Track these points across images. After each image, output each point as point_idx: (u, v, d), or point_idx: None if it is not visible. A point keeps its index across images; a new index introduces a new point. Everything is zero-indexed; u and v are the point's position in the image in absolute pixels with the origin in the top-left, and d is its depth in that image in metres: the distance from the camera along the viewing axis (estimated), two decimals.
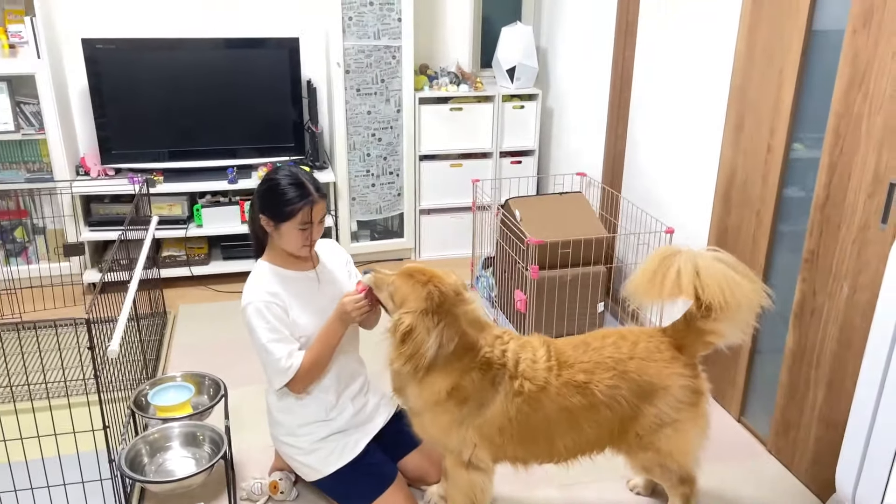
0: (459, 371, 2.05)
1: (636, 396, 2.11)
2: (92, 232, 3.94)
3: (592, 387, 2.10)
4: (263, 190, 2.18)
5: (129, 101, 3.93)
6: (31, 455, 2.26)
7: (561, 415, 2.10)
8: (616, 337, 2.19)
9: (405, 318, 2.01)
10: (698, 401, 2.15)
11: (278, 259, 2.26)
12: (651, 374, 2.11)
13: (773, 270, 2.72)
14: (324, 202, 2.18)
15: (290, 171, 2.19)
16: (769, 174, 2.65)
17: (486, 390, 2.08)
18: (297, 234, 2.15)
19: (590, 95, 4.01)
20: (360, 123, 4.17)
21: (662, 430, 2.13)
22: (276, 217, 2.14)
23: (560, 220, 3.49)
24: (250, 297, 2.17)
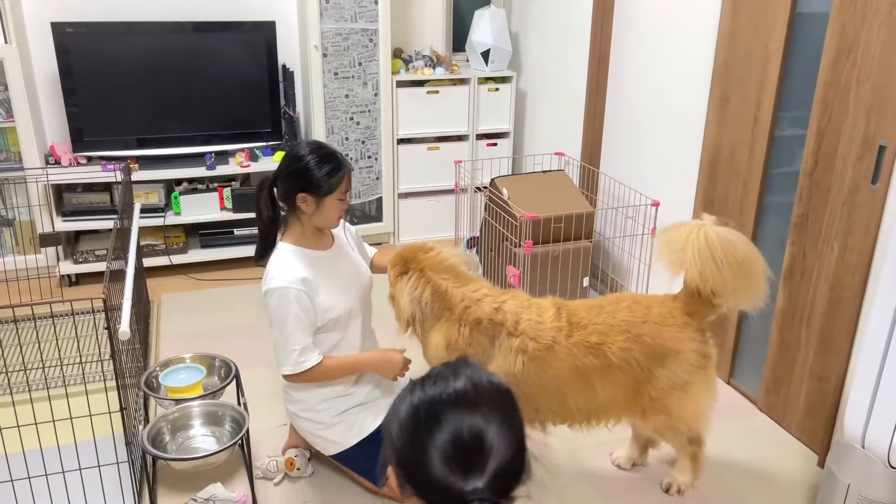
0: (448, 325, 2.19)
1: (649, 359, 2.19)
2: (66, 222, 3.83)
3: (605, 348, 2.18)
4: (298, 170, 2.14)
5: (102, 87, 3.83)
6: (45, 443, 2.21)
7: (573, 374, 2.19)
8: (630, 301, 2.27)
9: (390, 288, 2.25)
10: (707, 364, 2.24)
11: (301, 240, 2.25)
12: (665, 338, 2.19)
13: (761, 238, 2.85)
14: (350, 167, 2.24)
15: (312, 146, 2.18)
16: (756, 145, 2.77)
17: (484, 346, 2.20)
18: (337, 205, 2.18)
19: (566, 75, 4.09)
20: (339, 107, 4.16)
21: (674, 392, 2.21)
22: (319, 192, 2.14)
23: (546, 197, 3.56)
24: (282, 282, 2.14)
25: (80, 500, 2.25)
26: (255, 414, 2.78)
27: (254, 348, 3.29)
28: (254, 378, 3.03)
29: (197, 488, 2.35)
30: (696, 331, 2.22)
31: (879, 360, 1.88)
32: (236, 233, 4.16)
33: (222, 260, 4.12)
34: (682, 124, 3.23)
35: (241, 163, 4.05)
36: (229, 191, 4.03)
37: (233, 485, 2.41)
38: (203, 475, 2.44)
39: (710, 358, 2.25)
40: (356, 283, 2.35)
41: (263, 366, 3.15)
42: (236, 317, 3.59)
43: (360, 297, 2.36)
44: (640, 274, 3.54)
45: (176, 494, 2.37)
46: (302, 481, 2.45)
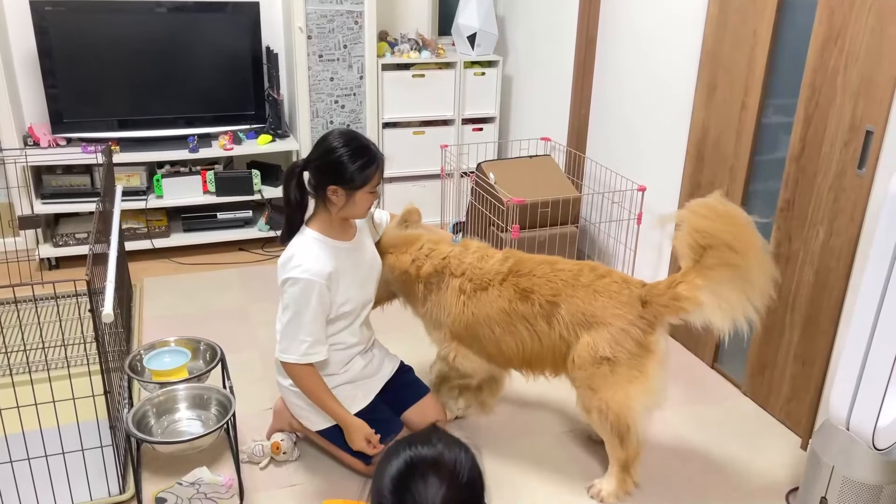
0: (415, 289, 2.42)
1: (575, 321, 2.21)
2: (45, 205, 3.77)
3: (533, 296, 2.25)
4: (330, 162, 2.12)
5: (82, 67, 3.75)
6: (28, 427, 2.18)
7: (501, 316, 2.29)
8: (589, 268, 2.28)
9: None
10: (643, 356, 2.17)
11: (327, 228, 2.23)
12: (596, 306, 2.19)
13: None
14: (383, 157, 2.20)
15: (345, 137, 2.14)
16: (743, 131, 2.78)
17: (440, 294, 2.38)
18: (368, 198, 2.17)
19: (553, 60, 4.08)
20: (323, 90, 4.12)
21: (600, 368, 2.18)
22: (352, 186, 2.12)
23: (532, 182, 3.56)
24: (309, 274, 2.13)
25: (63, 484, 2.22)
26: (241, 398, 2.76)
27: (238, 333, 3.26)
28: (239, 362, 3.01)
29: (182, 472, 2.33)
30: (637, 316, 2.17)
31: (865, 342, 1.89)
32: (219, 216, 4.11)
33: (205, 244, 4.08)
34: (669, 110, 3.23)
35: (224, 146, 4.00)
36: (212, 174, 3.98)
37: (219, 468, 2.40)
38: (188, 459, 2.42)
39: (649, 351, 2.18)
40: (372, 274, 2.38)
41: (249, 350, 3.13)
42: (220, 301, 3.56)
43: (375, 288, 2.41)
44: (625, 259, 3.55)
45: (161, 478, 2.35)
46: (289, 465, 2.44)
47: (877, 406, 1.90)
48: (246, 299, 3.58)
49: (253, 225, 4.17)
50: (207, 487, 2.27)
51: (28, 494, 2.20)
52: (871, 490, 1.98)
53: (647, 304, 2.18)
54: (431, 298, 2.41)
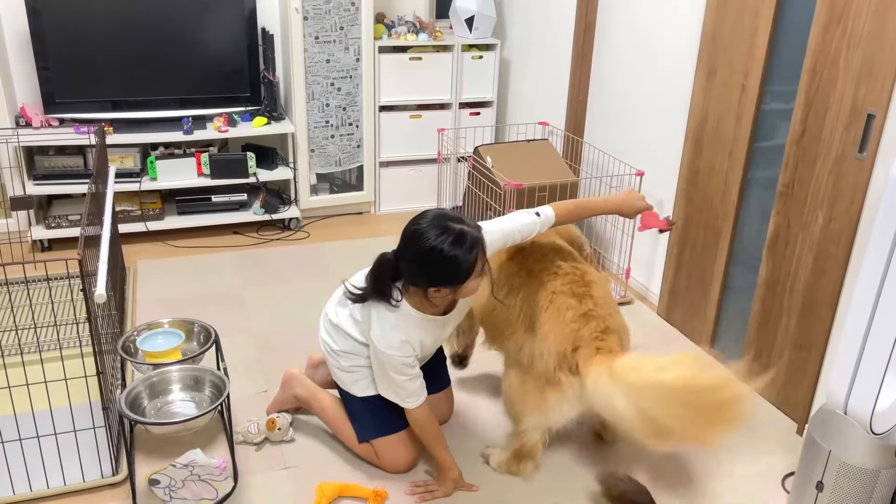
0: None
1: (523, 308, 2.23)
2: (37, 186, 3.73)
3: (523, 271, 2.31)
4: (428, 268, 1.97)
5: (75, 47, 3.70)
6: (19, 409, 2.16)
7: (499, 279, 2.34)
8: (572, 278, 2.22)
9: None
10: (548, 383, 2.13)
11: (421, 304, 2.09)
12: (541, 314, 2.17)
13: (746, 209, 2.85)
14: (480, 231, 2.01)
15: (438, 229, 1.95)
16: (743, 115, 2.75)
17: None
18: (479, 281, 2.03)
19: (551, 43, 4.04)
20: (319, 72, 4.07)
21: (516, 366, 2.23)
22: (455, 282, 1.97)
23: (529, 166, 3.53)
24: (401, 352, 2.08)
25: (55, 466, 2.20)
26: (235, 380, 2.75)
27: (232, 316, 3.24)
28: (233, 345, 2.99)
29: (176, 454, 2.32)
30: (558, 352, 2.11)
31: (864, 326, 1.88)
32: (214, 199, 4.08)
33: (200, 227, 4.05)
34: (668, 94, 3.20)
35: (219, 128, 3.96)
36: (207, 156, 3.95)
37: (213, 451, 2.38)
38: (182, 441, 2.40)
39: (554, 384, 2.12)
40: (452, 325, 2.26)
41: (242, 333, 3.11)
42: (214, 284, 3.53)
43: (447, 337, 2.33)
44: (622, 245, 3.53)
45: (155, 460, 2.33)
46: (284, 447, 2.42)
47: (875, 390, 1.89)
48: (240, 283, 3.55)
49: (248, 208, 4.14)
50: (201, 469, 2.25)
51: (20, 476, 2.18)
52: (868, 474, 1.97)
53: (579, 349, 2.10)
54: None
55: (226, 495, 2.20)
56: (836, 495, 2.03)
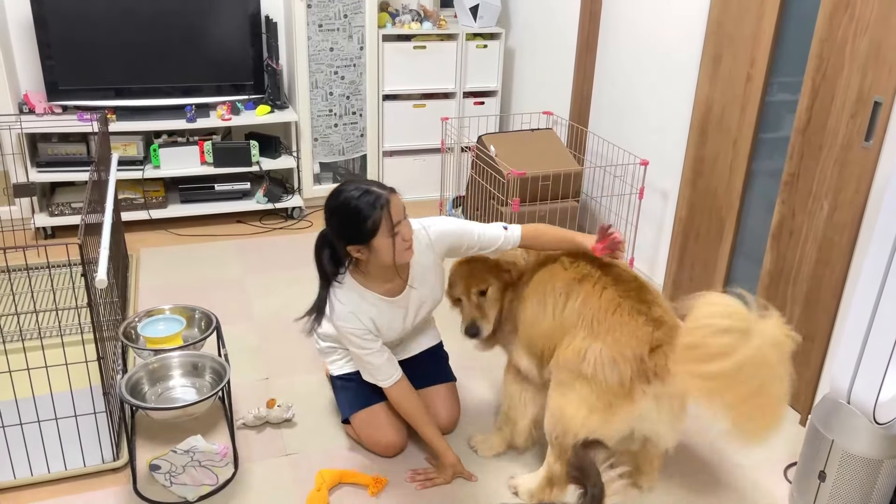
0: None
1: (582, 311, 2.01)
2: (40, 173, 3.73)
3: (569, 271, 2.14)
4: (337, 220, 2.04)
5: (77, 34, 3.69)
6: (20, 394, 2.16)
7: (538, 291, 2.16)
8: (638, 284, 2.05)
9: None
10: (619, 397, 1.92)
11: (368, 281, 2.14)
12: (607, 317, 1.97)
13: (750, 199, 2.83)
14: (397, 195, 2.03)
15: (346, 192, 2.03)
16: (748, 104, 2.73)
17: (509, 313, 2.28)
18: (390, 242, 2.01)
19: (556, 32, 4.02)
20: (323, 61, 4.06)
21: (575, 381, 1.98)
22: (360, 239, 2.00)
23: (533, 155, 3.51)
24: (351, 327, 2.12)
25: (56, 450, 2.21)
26: (237, 368, 2.75)
27: (234, 304, 3.24)
28: (235, 333, 2.99)
29: (177, 440, 2.32)
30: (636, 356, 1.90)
31: (868, 315, 1.87)
32: (217, 188, 4.07)
33: (203, 215, 4.05)
34: (673, 83, 3.18)
35: (222, 116, 3.95)
36: (210, 144, 3.94)
37: (214, 437, 2.38)
38: (184, 427, 2.40)
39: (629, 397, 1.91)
40: (418, 311, 2.28)
41: (244, 321, 3.10)
42: (217, 272, 3.53)
43: (414, 321, 2.30)
44: (626, 235, 3.52)
45: (156, 446, 2.33)
46: (285, 434, 2.42)
47: (878, 379, 1.88)
48: (242, 271, 3.55)
49: (251, 197, 4.14)
50: (202, 455, 2.25)
51: (21, 460, 2.19)
52: (871, 464, 1.96)
53: (656, 351, 1.91)
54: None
55: (226, 481, 2.20)
56: (839, 485, 2.02)
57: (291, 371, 2.76)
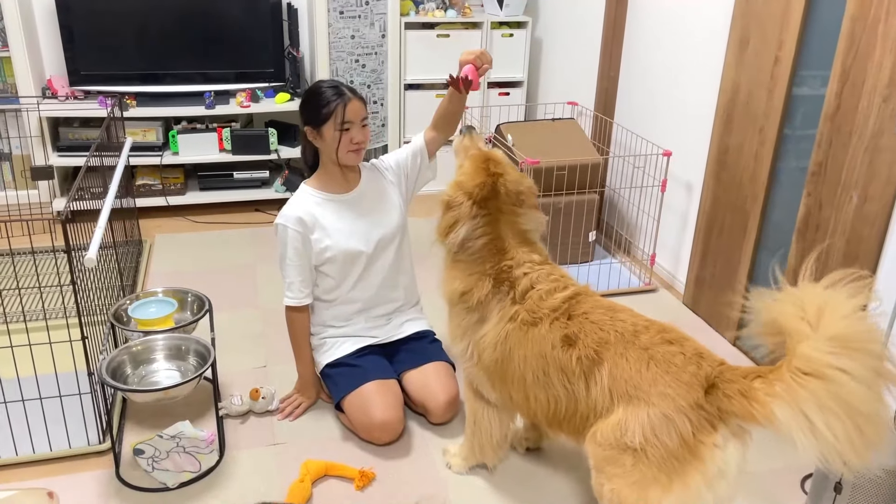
0: (477, 275, 1.93)
1: (616, 388, 1.70)
2: (61, 157, 3.75)
3: (578, 345, 1.77)
4: (303, 101, 2.23)
5: (100, 20, 3.70)
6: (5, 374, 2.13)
7: (537, 361, 1.82)
8: (658, 329, 1.75)
9: (450, 191, 1.99)
10: (683, 459, 1.60)
11: (321, 182, 2.31)
12: (644, 376, 1.66)
13: (776, 189, 2.66)
14: (360, 103, 2.19)
15: (328, 81, 2.23)
16: (775, 87, 2.56)
17: (489, 305, 1.93)
18: (337, 136, 2.17)
19: (583, 21, 3.88)
20: (344, 48, 4.00)
21: (621, 454, 1.66)
22: (315, 121, 2.17)
23: (553, 146, 3.38)
24: (282, 219, 2.25)
25: (42, 432, 2.18)
26: (234, 354, 2.70)
27: (242, 290, 3.19)
28: (238, 318, 2.94)
29: (165, 426, 2.27)
30: (693, 403, 1.60)
31: (891, 313, 1.70)
32: (236, 176, 4.04)
33: (221, 203, 4.02)
34: (699, 70, 3.02)
35: (241, 103, 3.92)
36: (229, 131, 3.91)
37: (202, 424, 2.32)
38: (171, 413, 2.35)
39: (695, 455, 1.58)
40: (371, 228, 2.33)
41: (249, 307, 3.06)
42: (229, 259, 3.49)
43: (374, 243, 2.32)
44: (648, 230, 3.36)
45: (144, 430, 2.29)
46: (273, 424, 2.35)
47: None
48: (255, 258, 3.51)
49: (269, 186, 4.10)
50: (187, 441, 2.20)
51: (6, 440, 2.16)
52: (890, 475, 1.79)
53: (714, 388, 1.60)
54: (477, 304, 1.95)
55: (209, 469, 2.13)
56: (856, 498, 1.86)
57: (292, 360, 2.69)
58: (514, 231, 1.96)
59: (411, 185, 2.46)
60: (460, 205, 1.94)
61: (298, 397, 2.42)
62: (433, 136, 2.42)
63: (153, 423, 2.31)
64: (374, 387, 2.25)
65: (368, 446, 2.27)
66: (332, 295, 2.36)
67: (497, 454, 2.12)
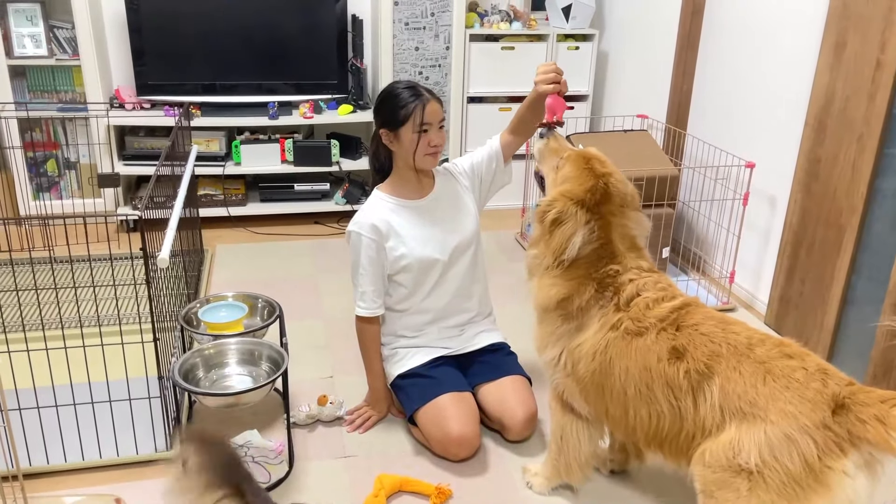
0: (578, 280, 1.79)
1: (728, 403, 1.56)
2: (126, 166, 3.75)
3: (686, 357, 1.63)
4: (379, 102, 2.18)
5: (168, 31, 3.72)
6: (77, 378, 2.08)
7: (641, 374, 1.69)
8: (775, 342, 1.60)
9: (557, 203, 1.79)
10: (807, 486, 1.44)
11: (395, 187, 2.25)
12: (761, 391, 1.51)
13: (877, 202, 2.49)
14: (438, 104, 2.15)
15: (403, 82, 2.19)
16: (877, 93, 2.42)
17: (590, 312, 1.79)
18: (416, 139, 2.11)
19: (653, 32, 3.77)
20: (407, 60, 3.95)
21: (734, 478, 1.51)
22: (392, 123, 2.12)
23: (624, 157, 3.26)
24: (355, 226, 2.20)
25: (109, 436, 2.11)
26: (300, 364, 2.62)
27: (304, 300, 3.13)
28: (302, 329, 2.87)
29: (232, 435, 2.19)
30: (819, 423, 1.45)
31: None
32: (297, 188, 4.00)
33: (281, 214, 3.98)
34: (786, 74, 2.88)
35: (304, 114, 3.89)
36: (291, 143, 3.88)
37: (271, 434, 2.24)
38: (241, 421, 2.27)
39: (819, 481, 1.44)
40: (447, 235, 2.26)
41: (313, 318, 2.98)
42: (290, 270, 3.43)
43: (450, 250, 2.24)
44: (727, 247, 3.21)
45: None
46: (344, 435, 2.25)
47: None
48: (316, 270, 3.44)
49: (330, 198, 4.05)
50: (256, 451, 2.11)
51: (73, 444, 2.10)
52: None
53: (843, 409, 1.45)
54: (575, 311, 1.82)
55: (279, 479, 2.04)
56: None
57: (360, 370, 2.59)
58: (623, 235, 1.84)
59: (486, 189, 2.37)
60: (573, 216, 1.77)
61: (368, 410, 2.33)
62: (510, 139, 2.32)
63: (221, 431, 2.23)
64: (450, 399, 2.15)
65: (443, 462, 2.15)
66: (405, 305, 2.27)
67: (584, 473, 1.98)
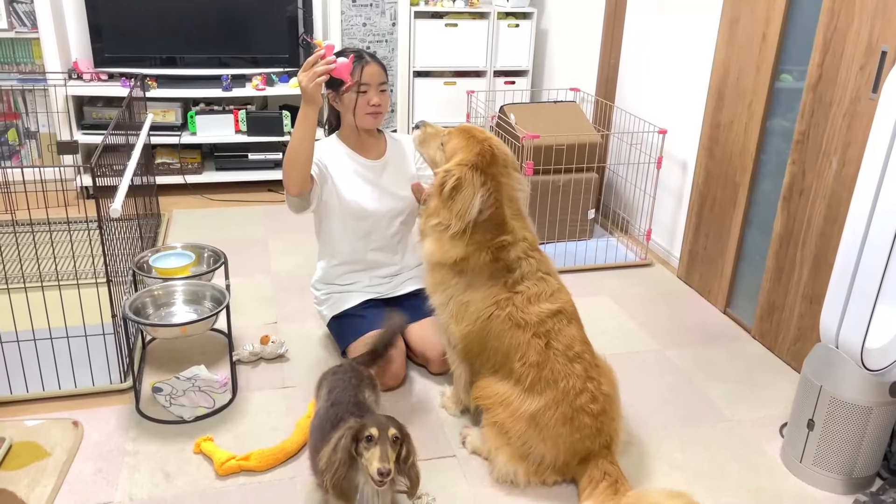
0: (475, 247, 1.97)
1: None
2: (85, 135, 3.93)
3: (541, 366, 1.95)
4: None
5: (124, 4, 3.89)
6: (38, 325, 2.29)
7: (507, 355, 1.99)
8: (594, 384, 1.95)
9: (455, 170, 1.93)
10: None
11: (349, 140, 2.42)
12: None
13: (764, 161, 2.79)
14: (379, 67, 2.29)
15: (350, 48, 2.33)
16: (762, 64, 2.70)
17: (482, 275, 2.00)
18: (353, 97, 2.27)
19: (585, 10, 4.03)
20: (356, 36, 4.17)
21: None
22: (335, 84, 2.26)
23: (554, 125, 3.53)
24: None
25: (68, 372, 2.33)
26: (246, 313, 2.85)
27: (254, 259, 3.35)
28: (251, 283, 3.10)
29: (181, 369, 2.42)
30: None
31: (854, 257, 1.83)
32: (251, 157, 4.21)
33: (236, 182, 4.19)
34: (694, 49, 3.16)
35: (256, 86, 4.09)
36: (244, 113, 4.08)
37: (216, 370, 2.47)
38: (188, 357, 2.50)
39: None
40: (383, 195, 2.43)
41: (261, 274, 3.21)
42: (242, 232, 3.65)
43: (384, 209, 2.43)
44: (645, 207, 3.50)
45: (161, 374, 2.44)
46: (284, 367, 2.50)
47: (865, 323, 1.83)
48: (267, 232, 3.67)
49: (282, 167, 4.25)
50: (203, 382, 2.34)
51: (34, 377, 2.32)
52: (859, 411, 1.91)
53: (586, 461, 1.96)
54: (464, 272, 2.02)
55: (223, 405, 2.28)
56: (827, 433, 1.98)
57: (301, 318, 2.84)
58: (510, 198, 2.03)
59: None
60: (470, 180, 1.92)
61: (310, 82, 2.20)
62: None
63: (170, 368, 2.46)
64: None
65: None
66: (338, 256, 2.50)
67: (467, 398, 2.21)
